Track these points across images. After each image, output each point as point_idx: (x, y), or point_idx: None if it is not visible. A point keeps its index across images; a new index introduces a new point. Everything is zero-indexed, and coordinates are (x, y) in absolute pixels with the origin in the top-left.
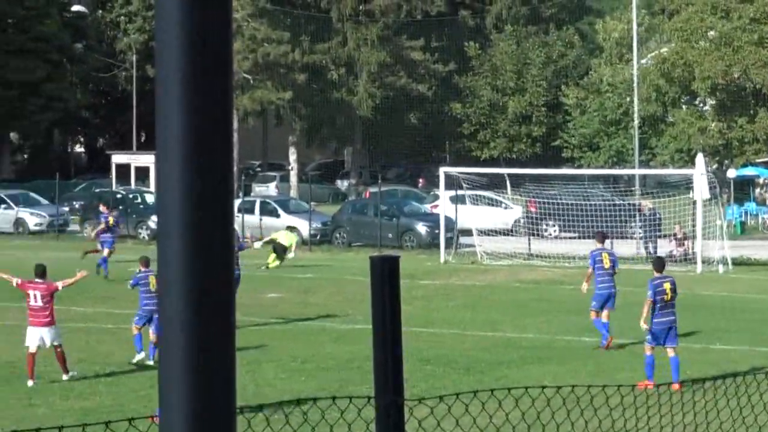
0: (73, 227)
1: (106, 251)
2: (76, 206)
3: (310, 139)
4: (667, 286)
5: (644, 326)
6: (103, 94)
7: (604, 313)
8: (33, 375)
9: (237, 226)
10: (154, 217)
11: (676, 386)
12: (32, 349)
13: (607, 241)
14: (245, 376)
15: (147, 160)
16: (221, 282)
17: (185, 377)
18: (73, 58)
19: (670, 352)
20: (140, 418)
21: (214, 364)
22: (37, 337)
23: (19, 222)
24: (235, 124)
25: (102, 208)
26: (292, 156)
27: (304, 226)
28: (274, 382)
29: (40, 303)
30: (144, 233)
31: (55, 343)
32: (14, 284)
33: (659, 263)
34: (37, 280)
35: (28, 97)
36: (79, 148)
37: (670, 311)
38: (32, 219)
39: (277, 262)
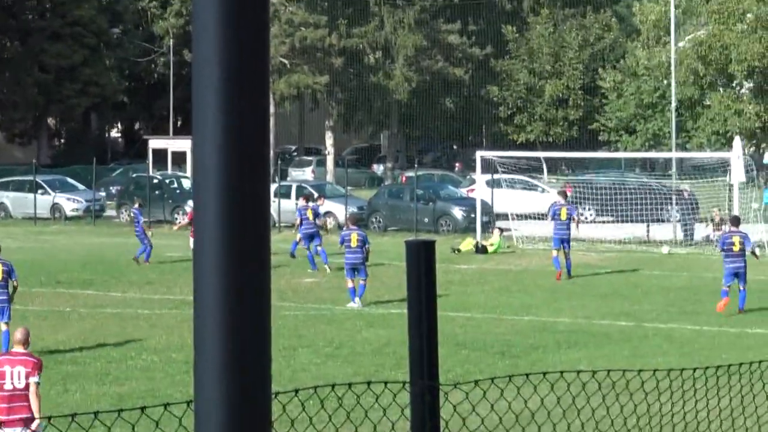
0: (110, 212)
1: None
2: (113, 191)
3: (346, 124)
4: (735, 239)
5: None
6: (139, 78)
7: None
8: None
9: (273, 211)
10: (191, 202)
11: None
12: None
13: (644, 225)
14: (280, 361)
15: (184, 144)
16: (257, 266)
17: (220, 362)
18: (110, 42)
19: (741, 287)
20: (176, 403)
21: (250, 349)
22: None
23: (56, 207)
24: (272, 109)
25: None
26: (329, 140)
27: (340, 211)
28: (309, 367)
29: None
30: (180, 218)
31: None
32: None
33: (735, 220)
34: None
35: (64, 82)
36: (115, 133)
37: (738, 259)
38: (69, 204)
39: (471, 247)
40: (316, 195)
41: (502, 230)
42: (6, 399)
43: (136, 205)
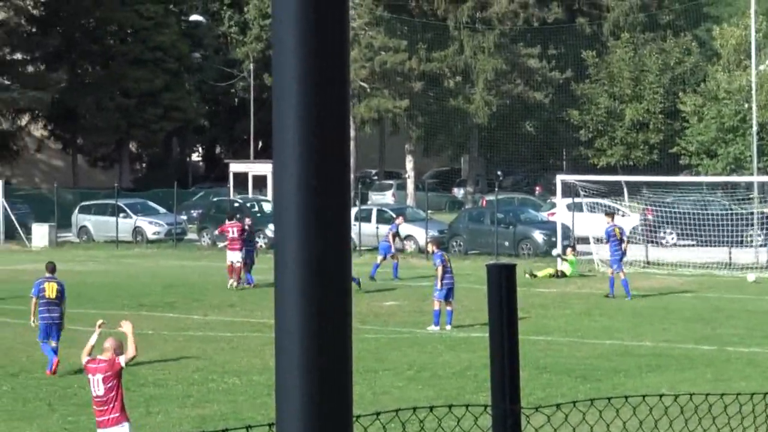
0: (191, 236)
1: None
2: (194, 215)
3: (426, 147)
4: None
5: None
6: (220, 102)
7: None
8: None
9: (354, 235)
10: (272, 226)
11: None
12: None
13: (725, 249)
14: (362, 384)
15: (264, 168)
16: (338, 290)
17: (302, 385)
18: (191, 67)
19: None
20: (257, 426)
21: (331, 372)
22: None
23: (137, 231)
24: (352, 133)
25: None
26: (409, 164)
27: (420, 235)
28: (390, 390)
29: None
30: (261, 242)
31: None
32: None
33: None
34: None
35: (146, 107)
36: (196, 157)
37: None
38: (150, 228)
39: (550, 271)
40: (394, 215)
41: (574, 249)
42: (97, 404)
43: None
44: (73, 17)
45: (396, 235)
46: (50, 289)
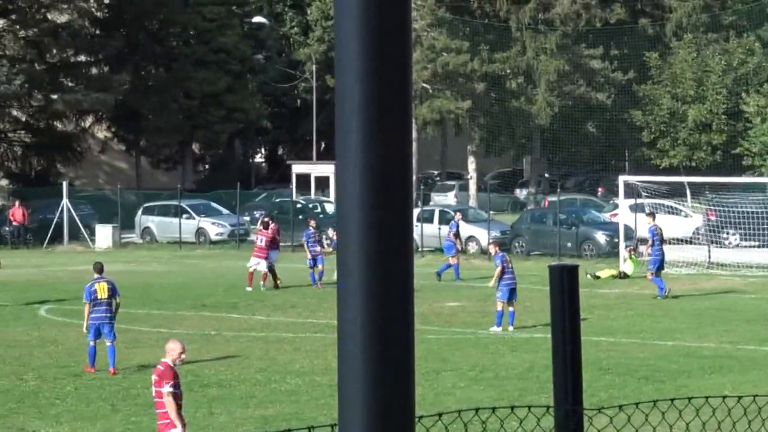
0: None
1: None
2: (257, 216)
3: (488, 148)
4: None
5: None
6: (282, 104)
7: None
8: None
9: (416, 236)
10: (331, 230)
11: None
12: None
13: None
14: (424, 385)
15: (327, 169)
16: (400, 291)
17: (364, 387)
18: (254, 69)
19: None
20: (320, 426)
21: (393, 373)
22: None
23: (200, 232)
24: (414, 134)
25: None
26: (471, 165)
27: (482, 236)
28: (452, 391)
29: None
30: (324, 243)
31: None
32: None
33: None
34: None
35: (209, 108)
36: (259, 158)
37: None
38: (213, 229)
39: (613, 273)
40: (453, 212)
41: (635, 250)
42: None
43: (312, 225)
44: (137, 19)
45: (456, 234)
46: (101, 290)
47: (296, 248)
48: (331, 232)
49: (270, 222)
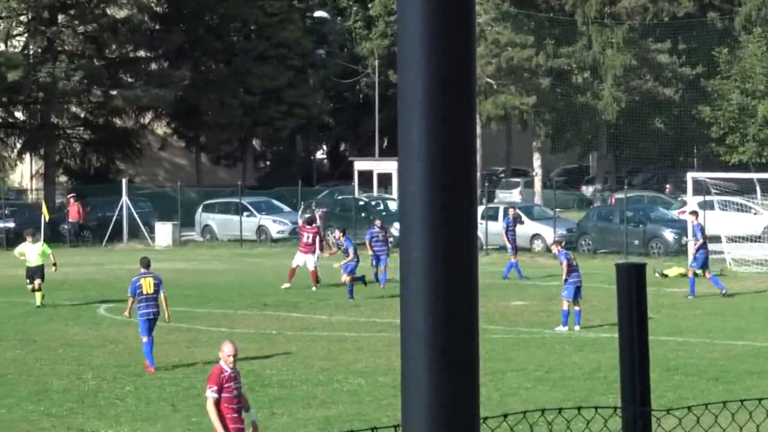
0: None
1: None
2: (319, 213)
3: (554, 145)
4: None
5: None
6: (344, 99)
7: None
8: None
9: (480, 234)
10: (397, 225)
11: None
12: None
13: None
14: (489, 385)
15: (389, 166)
16: (465, 290)
17: (427, 387)
18: (315, 64)
19: None
20: (383, 427)
21: (458, 373)
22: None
23: (261, 230)
24: (479, 130)
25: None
26: (536, 161)
27: (548, 233)
28: (518, 392)
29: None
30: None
31: None
32: None
33: None
34: None
35: (270, 104)
36: (321, 155)
37: None
38: (274, 227)
39: (681, 271)
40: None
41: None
42: None
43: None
44: (197, 14)
45: (510, 230)
46: (147, 285)
47: (358, 247)
48: (337, 233)
49: (316, 218)
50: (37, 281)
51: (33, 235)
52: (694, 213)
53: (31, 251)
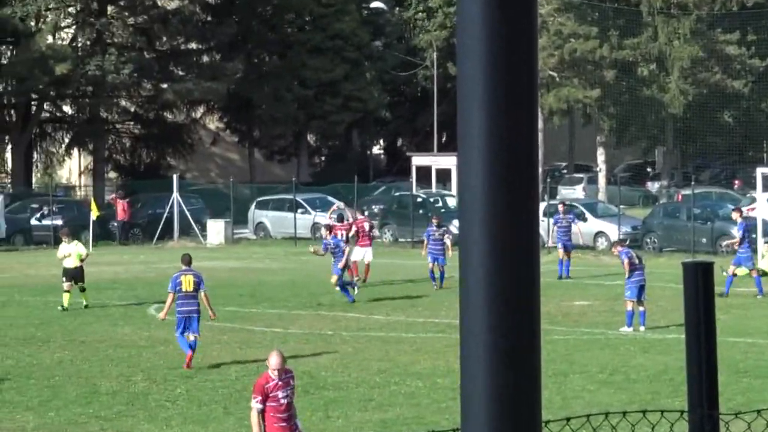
0: (372, 232)
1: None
2: (375, 210)
3: (618, 139)
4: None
5: None
6: (402, 93)
7: None
8: None
9: (542, 231)
10: (456, 222)
11: None
12: None
13: None
14: (551, 387)
15: (448, 162)
16: (526, 289)
17: (488, 390)
18: (372, 56)
19: None
20: (442, 431)
21: (519, 375)
22: None
23: (316, 227)
24: (540, 124)
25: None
26: (600, 157)
27: (612, 231)
28: (581, 394)
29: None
30: (446, 240)
31: None
32: None
33: None
34: None
35: (325, 97)
36: (377, 150)
37: None
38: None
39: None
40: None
41: None
42: None
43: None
44: (250, 5)
45: (563, 227)
46: (187, 282)
47: (416, 245)
48: (324, 232)
49: (352, 215)
50: (80, 284)
51: (69, 234)
52: (738, 210)
53: (67, 251)
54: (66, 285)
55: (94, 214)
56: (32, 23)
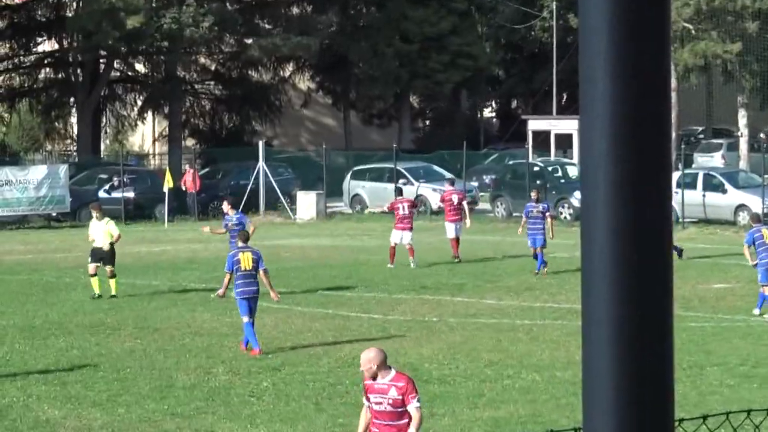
0: (483, 205)
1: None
2: (486, 181)
3: (764, 100)
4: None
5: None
6: (518, 48)
7: None
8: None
9: (676, 204)
10: (578, 194)
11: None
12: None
13: None
14: (685, 381)
15: (569, 126)
16: (657, 271)
17: (613, 385)
18: (483, 7)
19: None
20: (562, 430)
21: (649, 367)
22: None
23: (419, 200)
24: (674, 83)
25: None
26: (742, 120)
27: (756, 204)
28: (719, 390)
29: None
30: (566, 212)
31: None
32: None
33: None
34: None
35: (430, 54)
36: (489, 113)
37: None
38: (435, 196)
39: None
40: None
41: None
42: None
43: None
44: None
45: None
46: (245, 260)
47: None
48: (226, 206)
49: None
50: (109, 268)
51: (99, 209)
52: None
53: (96, 229)
54: (91, 267)
55: (169, 184)
56: None
